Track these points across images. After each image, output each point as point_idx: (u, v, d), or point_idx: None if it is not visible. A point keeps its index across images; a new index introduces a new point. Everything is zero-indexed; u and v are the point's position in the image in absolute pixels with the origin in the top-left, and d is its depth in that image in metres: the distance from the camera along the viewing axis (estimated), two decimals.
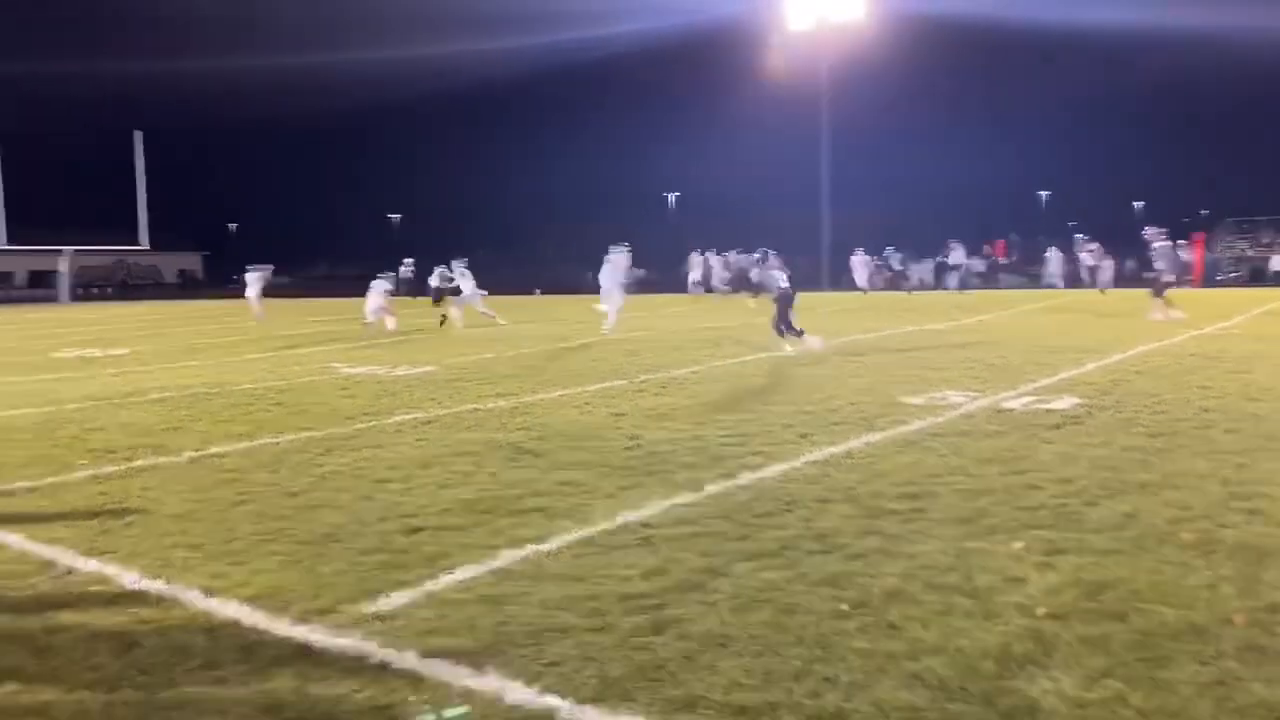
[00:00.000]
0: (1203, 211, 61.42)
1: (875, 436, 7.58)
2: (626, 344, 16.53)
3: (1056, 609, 3.87)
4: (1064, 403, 8.93)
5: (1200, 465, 6.29)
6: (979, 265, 36.02)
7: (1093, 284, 32.62)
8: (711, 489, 6.01)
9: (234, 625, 3.97)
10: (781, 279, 14.81)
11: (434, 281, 24.19)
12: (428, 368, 13.61)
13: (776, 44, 47.65)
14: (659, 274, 41.71)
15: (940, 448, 7.07)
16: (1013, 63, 69.40)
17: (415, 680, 3.40)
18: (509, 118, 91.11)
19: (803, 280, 36.76)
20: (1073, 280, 35.11)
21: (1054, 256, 37.06)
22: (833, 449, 7.12)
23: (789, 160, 54.65)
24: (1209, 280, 40.97)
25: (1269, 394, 9.14)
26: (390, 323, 20.66)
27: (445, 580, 4.46)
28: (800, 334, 14.34)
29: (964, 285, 36.08)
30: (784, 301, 14.60)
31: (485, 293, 22.49)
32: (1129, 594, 4.03)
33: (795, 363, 13.06)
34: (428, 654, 3.62)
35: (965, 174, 68.87)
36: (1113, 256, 33.29)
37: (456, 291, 22.37)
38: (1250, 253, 45.28)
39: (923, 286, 35.09)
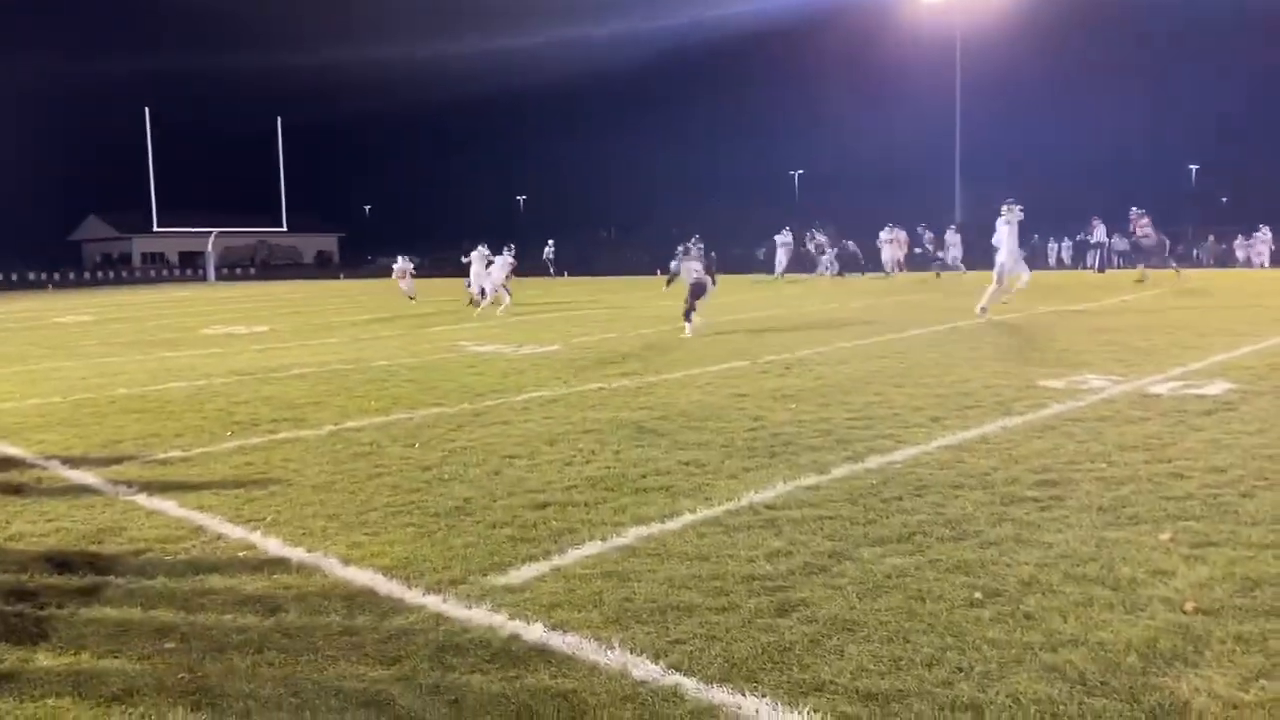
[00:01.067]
0: None
1: (1012, 421, 7.32)
2: (750, 325, 16.41)
3: (1207, 604, 3.67)
4: (1215, 388, 8.45)
5: None
6: (1121, 244, 34.20)
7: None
8: (837, 472, 5.91)
9: (370, 593, 4.11)
10: (696, 269, 15.52)
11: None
12: (553, 347, 13.81)
13: (908, 14, 46.35)
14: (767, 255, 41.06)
15: (1080, 433, 6.78)
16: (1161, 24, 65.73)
17: (544, 652, 3.45)
18: (649, 99, 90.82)
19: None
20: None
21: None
22: (966, 433, 6.92)
23: (921, 136, 53.25)
24: None
25: None
26: (505, 299, 20.90)
27: (572, 555, 4.51)
28: (688, 318, 15.06)
29: (1104, 265, 34.47)
30: (696, 290, 15.30)
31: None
32: None
33: (927, 344, 12.74)
34: (555, 626, 3.67)
35: (1108, 147, 65.75)
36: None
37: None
38: None
39: (952, 266, 32.47)
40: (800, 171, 78.05)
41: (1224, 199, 59.20)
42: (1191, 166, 74.20)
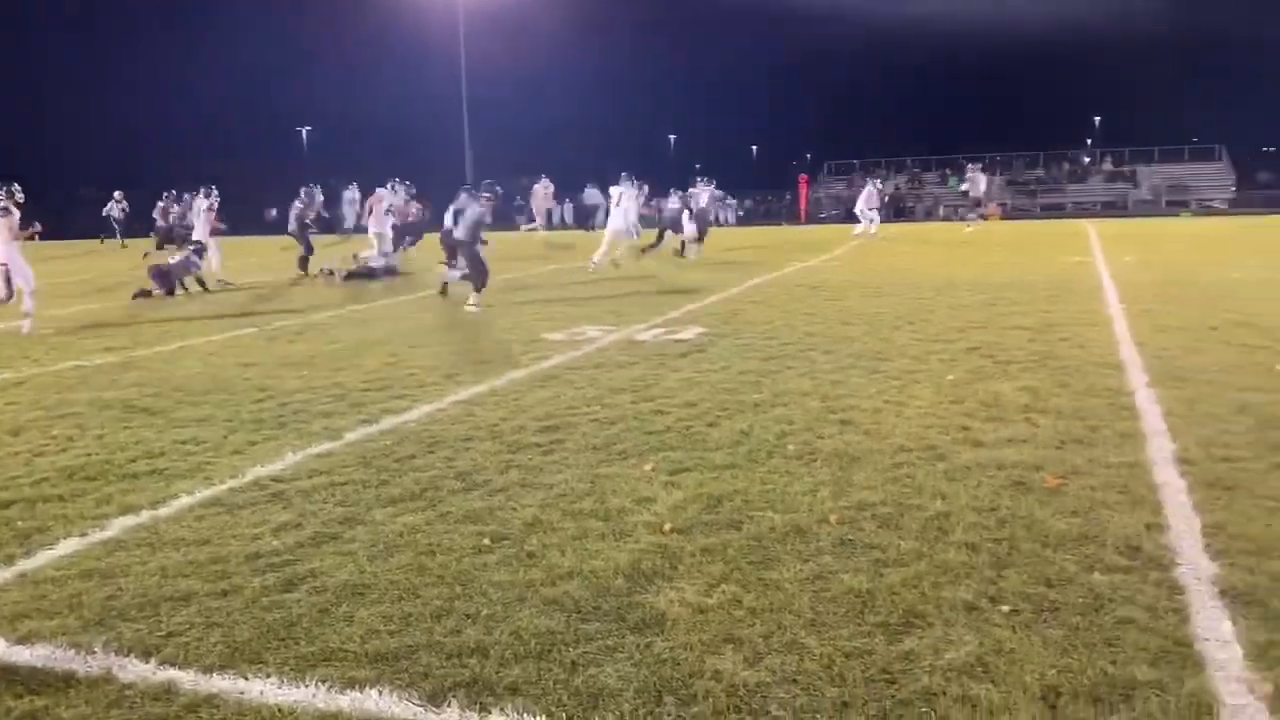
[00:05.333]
0: (807, 156, 67.85)
1: (519, 373, 7.69)
2: (252, 290, 15.52)
3: (681, 524, 4.15)
4: (690, 333, 9.56)
5: (804, 384, 6.98)
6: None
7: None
8: (351, 436, 5.81)
9: None
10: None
11: None
12: (15, 322, 11.93)
13: None
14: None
15: (578, 380, 7.31)
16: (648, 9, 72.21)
17: (6, 671, 3.01)
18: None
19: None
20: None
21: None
22: (477, 388, 7.14)
23: (428, 94, 53.51)
24: (812, 218, 45.43)
25: (860, 318, 10.32)
26: None
27: (43, 557, 3.97)
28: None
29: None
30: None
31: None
32: (743, 504, 4.39)
33: (442, 305, 12.93)
34: (21, 640, 3.21)
35: (600, 114, 71.21)
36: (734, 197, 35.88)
37: None
38: (846, 193, 50.70)
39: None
40: (308, 128, 74.83)
41: (697, 165, 66.90)
42: (671, 136, 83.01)
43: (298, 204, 19.11)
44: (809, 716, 2.65)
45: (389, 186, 20.24)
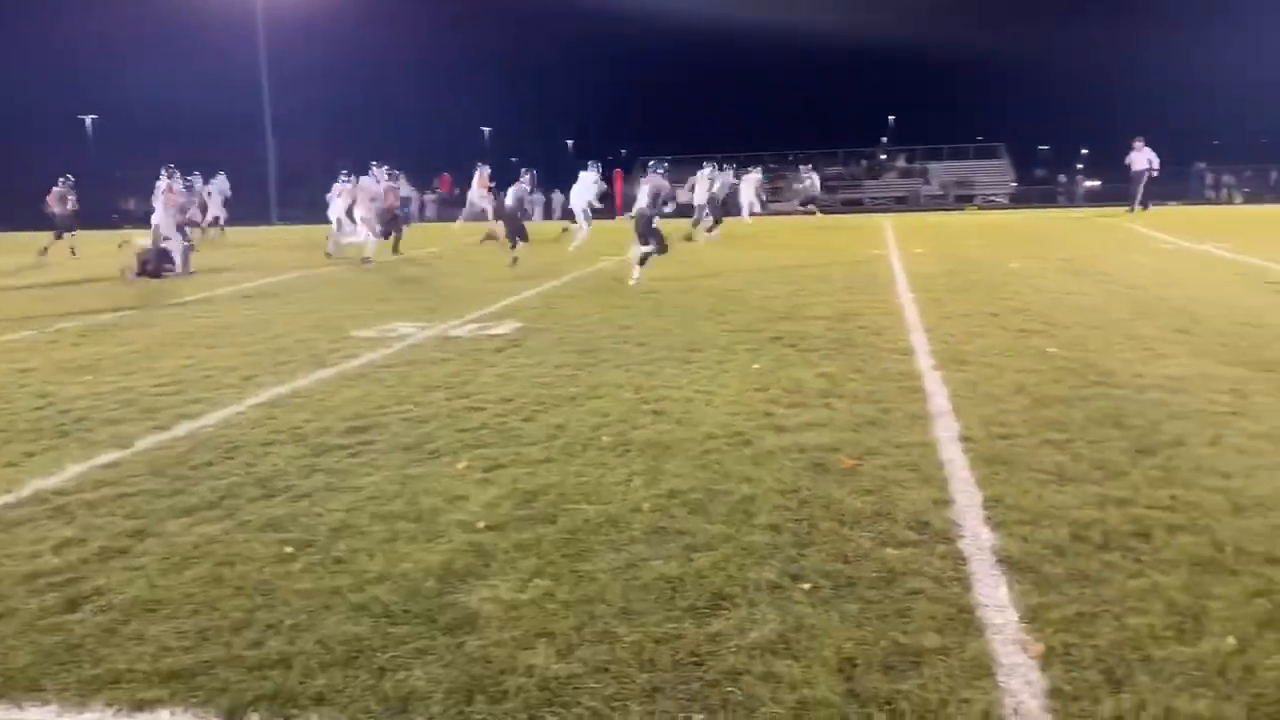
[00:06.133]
0: (622, 150, 68.56)
1: (325, 373, 7.44)
2: (32, 290, 14.38)
3: (495, 520, 4.12)
4: (506, 328, 9.50)
5: (618, 376, 7.06)
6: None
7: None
8: (141, 444, 5.47)
9: None
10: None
11: None
12: None
13: None
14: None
15: (389, 378, 7.14)
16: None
17: None
18: None
19: (248, 215, 34.62)
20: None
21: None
22: (280, 389, 6.86)
23: (229, 86, 50.87)
24: (628, 211, 45.82)
25: (674, 310, 10.53)
26: None
27: None
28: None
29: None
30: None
31: None
32: (558, 497, 4.41)
33: (243, 304, 12.34)
34: None
35: (411, 107, 69.71)
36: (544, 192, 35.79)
37: None
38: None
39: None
40: (94, 117, 69.64)
41: (514, 158, 66.52)
42: (485, 129, 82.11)
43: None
44: (620, 704, 2.69)
45: (370, 174, 20.28)
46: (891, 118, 79.40)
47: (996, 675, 2.79)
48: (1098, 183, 50.40)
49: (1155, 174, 27.42)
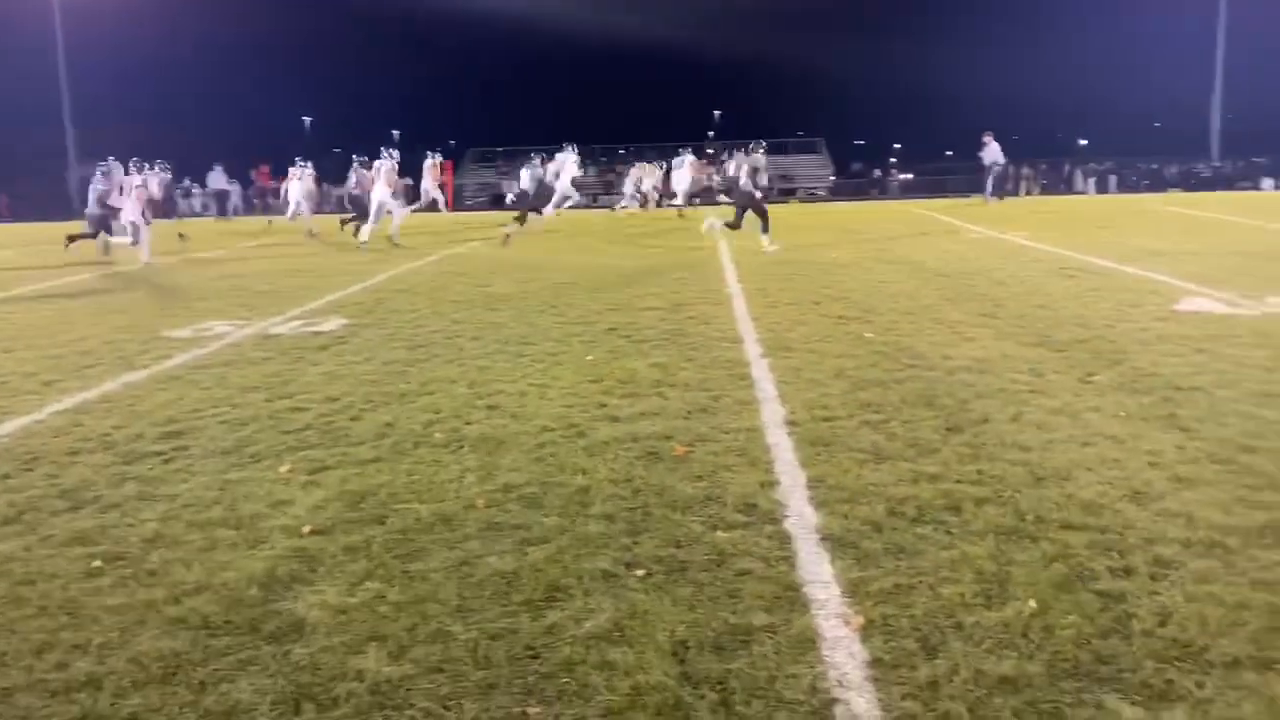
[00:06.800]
0: (451, 141, 67.47)
1: (135, 375, 7.01)
2: None
3: (321, 524, 3.99)
4: (331, 324, 9.20)
5: (451, 371, 6.96)
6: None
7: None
8: None
9: None
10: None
11: None
12: None
13: None
14: None
15: (205, 380, 6.80)
16: None
17: None
18: None
19: (46, 209, 32.28)
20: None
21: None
22: (85, 395, 6.43)
23: (21, 73, 47.13)
24: (459, 204, 45.24)
25: (506, 302, 10.45)
26: None
27: None
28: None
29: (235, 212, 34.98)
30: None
31: None
32: (388, 497, 4.31)
33: (42, 304, 11.49)
34: None
35: (225, 96, 66.51)
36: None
37: None
38: (491, 179, 51.02)
39: None
40: None
41: (336, 149, 64.46)
42: (306, 118, 79.13)
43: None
44: (454, 703, 2.66)
45: (384, 155, 19.41)
46: (718, 113, 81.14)
47: (821, 649, 2.90)
48: (910, 176, 53.09)
49: (999, 166, 30.29)
